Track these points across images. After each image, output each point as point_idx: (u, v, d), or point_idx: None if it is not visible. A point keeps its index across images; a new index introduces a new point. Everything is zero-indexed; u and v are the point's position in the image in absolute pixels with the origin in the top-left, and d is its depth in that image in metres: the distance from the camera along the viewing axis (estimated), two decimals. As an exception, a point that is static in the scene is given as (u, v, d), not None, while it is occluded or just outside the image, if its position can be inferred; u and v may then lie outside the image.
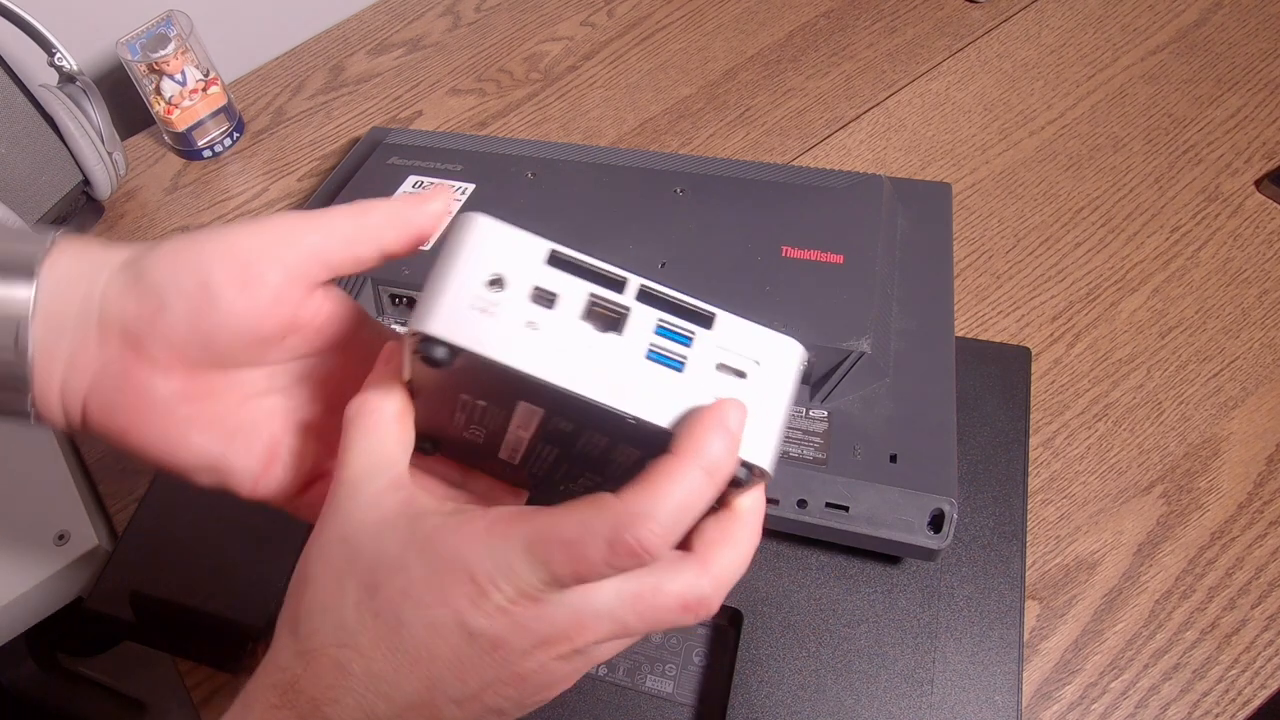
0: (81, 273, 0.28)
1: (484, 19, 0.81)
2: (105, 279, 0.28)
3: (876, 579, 0.41)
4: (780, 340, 0.26)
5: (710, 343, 0.26)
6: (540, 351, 0.25)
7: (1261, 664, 0.44)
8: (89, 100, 0.65)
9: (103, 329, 0.28)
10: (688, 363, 0.26)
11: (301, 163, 0.73)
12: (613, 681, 0.43)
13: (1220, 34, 0.70)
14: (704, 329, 0.26)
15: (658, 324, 0.26)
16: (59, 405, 0.28)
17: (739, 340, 0.26)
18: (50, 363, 0.28)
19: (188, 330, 0.28)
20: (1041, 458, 0.51)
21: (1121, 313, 0.56)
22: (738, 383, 0.26)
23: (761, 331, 0.26)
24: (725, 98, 0.72)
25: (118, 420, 0.28)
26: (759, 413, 0.26)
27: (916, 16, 0.74)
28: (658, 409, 0.26)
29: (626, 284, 0.26)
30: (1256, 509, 0.49)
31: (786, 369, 0.26)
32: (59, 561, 0.52)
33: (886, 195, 0.51)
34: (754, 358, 0.26)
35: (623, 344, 0.26)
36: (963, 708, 0.39)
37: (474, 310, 0.25)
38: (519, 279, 0.25)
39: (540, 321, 0.25)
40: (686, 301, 0.26)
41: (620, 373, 0.26)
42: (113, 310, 0.28)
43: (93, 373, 0.28)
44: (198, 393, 0.29)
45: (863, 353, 0.41)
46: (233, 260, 0.27)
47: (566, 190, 0.54)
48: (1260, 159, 0.62)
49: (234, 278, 0.27)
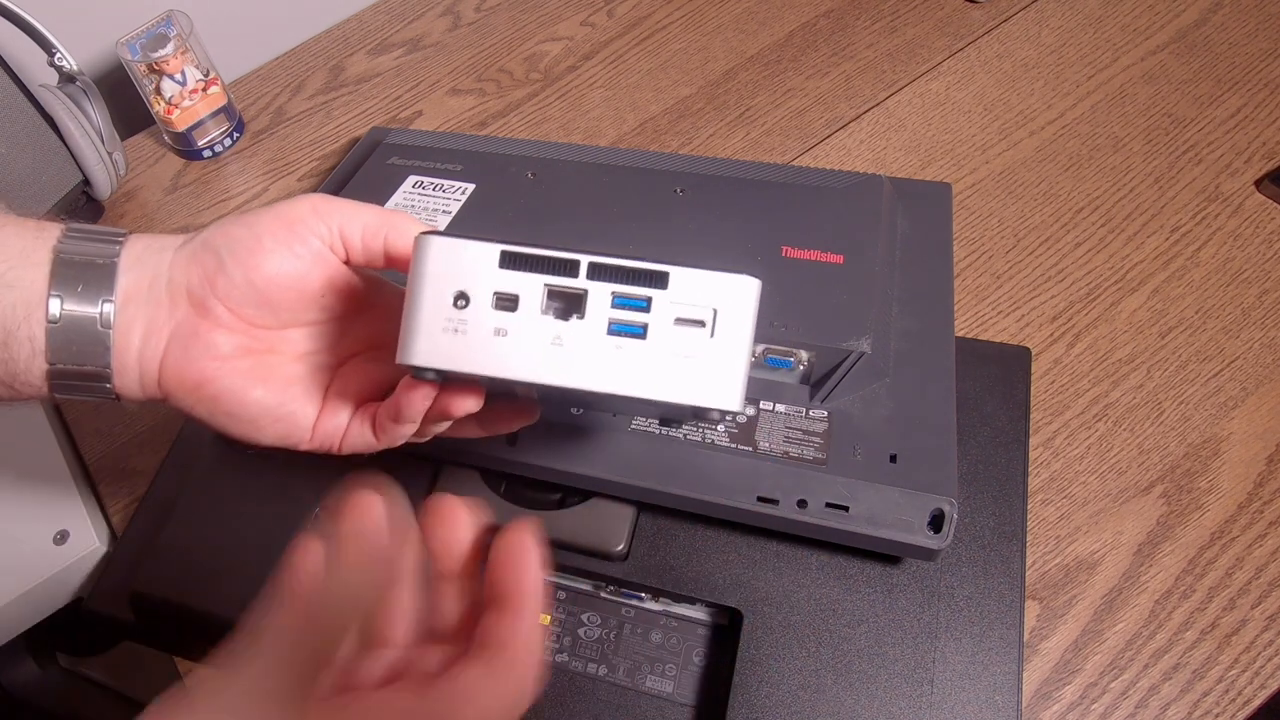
0: (149, 257, 0.33)
1: (484, 19, 0.81)
2: (170, 258, 0.33)
3: (876, 579, 0.41)
4: (733, 281, 0.27)
5: (666, 300, 0.27)
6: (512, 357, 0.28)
7: (1261, 664, 0.44)
8: (89, 100, 0.65)
9: (172, 296, 0.33)
10: (649, 326, 0.27)
11: (301, 163, 0.73)
12: (613, 681, 0.43)
13: (1220, 34, 0.70)
14: (659, 289, 0.27)
15: (614, 296, 0.28)
16: (136, 372, 0.33)
17: (694, 291, 0.27)
18: (127, 335, 0.32)
19: (245, 285, 0.32)
20: (1041, 458, 0.51)
21: (1121, 313, 0.56)
22: (698, 333, 0.27)
23: (715, 277, 0.27)
24: (725, 98, 0.72)
25: (190, 374, 0.33)
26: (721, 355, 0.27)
27: (916, 16, 0.74)
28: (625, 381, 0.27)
29: (578, 265, 0.28)
30: (1256, 509, 0.49)
31: (743, 308, 0.28)
32: (59, 561, 0.52)
33: (886, 195, 0.51)
34: (711, 305, 0.27)
35: (585, 327, 0.28)
36: (963, 708, 0.39)
37: (447, 333, 0.28)
38: (480, 290, 0.28)
39: (507, 327, 0.28)
40: (638, 266, 0.28)
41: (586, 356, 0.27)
42: (179, 278, 0.33)
43: (166, 335, 0.33)
44: (256, 348, 0.34)
45: (863, 353, 0.41)
46: (281, 223, 0.32)
47: (566, 190, 0.54)
48: (1260, 159, 0.62)
49: (282, 238, 0.32)
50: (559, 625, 0.44)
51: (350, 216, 0.33)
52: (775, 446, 0.41)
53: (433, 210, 0.53)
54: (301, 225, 0.32)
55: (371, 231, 0.33)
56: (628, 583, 0.43)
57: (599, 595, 0.45)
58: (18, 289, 0.31)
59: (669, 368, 0.27)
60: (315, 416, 0.35)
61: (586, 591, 0.45)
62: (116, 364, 0.32)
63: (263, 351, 0.34)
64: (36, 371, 0.32)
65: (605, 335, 0.27)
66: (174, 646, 0.48)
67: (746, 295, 0.27)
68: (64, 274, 0.31)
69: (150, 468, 0.56)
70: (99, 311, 0.32)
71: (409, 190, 0.56)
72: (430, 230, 0.29)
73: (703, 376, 0.27)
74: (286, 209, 0.33)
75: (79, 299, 0.31)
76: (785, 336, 0.42)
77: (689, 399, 0.28)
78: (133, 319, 0.32)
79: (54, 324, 0.31)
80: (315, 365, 0.35)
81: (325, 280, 0.33)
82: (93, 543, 0.52)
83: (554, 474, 0.42)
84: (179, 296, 0.33)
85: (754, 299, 0.28)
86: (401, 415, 0.32)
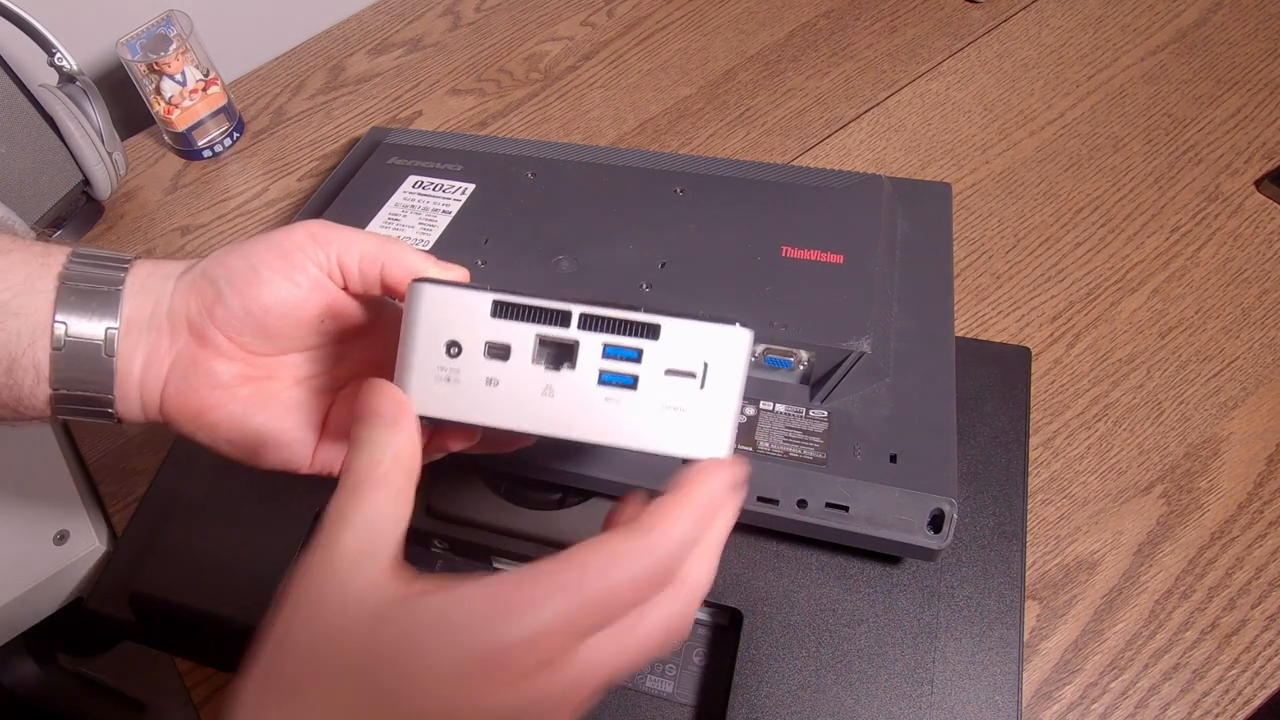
0: (153, 284, 0.33)
1: (484, 19, 0.81)
2: (171, 287, 0.33)
3: (876, 579, 0.41)
4: (725, 333, 0.27)
5: (657, 352, 0.27)
6: (503, 407, 0.28)
7: (1261, 664, 0.44)
8: (89, 100, 0.65)
9: (173, 326, 0.33)
10: (640, 378, 0.27)
11: (301, 163, 0.73)
12: (613, 681, 0.43)
13: (1220, 34, 0.70)
14: (651, 340, 0.27)
15: (605, 347, 0.27)
16: (138, 398, 0.33)
17: (685, 343, 0.27)
18: (130, 362, 0.32)
19: (243, 314, 0.32)
20: (1041, 458, 0.51)
21: (1121, 313, 0.56)
22: (688, 384, 0.27)
23: (706, 329, 0.27)
24: (725, 98, 0.72)
25: (191, 403, 0.33)
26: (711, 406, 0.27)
27: (916, 16, 0.74)
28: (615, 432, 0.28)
29: (570, 315, 0.28)
30: (1256, 509, 0.49)
31: (734, 359, 0.27)
32: (59, 561, 0.52)
33: (886, 195, 0.51)
34: (702, 357, 0.27)
35: (576, 377, 0.28)
36: (963, 708, 0.39)
37: (440, 382, 0.28)
38: (472, 339, 0.28)
39: (499, 376, 0.28)
40: (630, 318, 0.28)
41: (577, 407, 0.28)
42: (179, 308, 0.33)
43: (168, 364, 0.33)
44: (255, 375, 0.34)
45: (863, 353, 0.41)
46: (277, 252, 0.32)
47: (566, 190, 0.54)
48: (1260, 159, 0.62)
49: (278, 267, 0.32)
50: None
51: (348, 244, 0.33)
52: (775, 446, 0.41)
53: (433, 210, 0.53)
54: (299, 253, 0.32)
55: (369, 260, 0.33)
56: (628, 583, 0.43)
57: (599, 595, 0.45)
58: (23, 316, 0.31)
59: (659, 419, 0.27)
60: (315, 443, 0.35)
61: (586, 591, 0.45)
62: (119, 390, 0.33)
63: (262, 378, 0.34)
64: (40, 396, 0.32)
65: (596, 386, 0.28)
66: (174, 646, 0.48)
67: (738, 346, 0.27)
68: (69, 301, 0.32)
69: (150, 468, 0.56)
70: (103, 338, 0.32)
71: (409, 190, 0.56)
72: (423, 279, 0.29)
73: (692, 428, 0.28)
74: (283, 238, 0.32)
75: (83, 326, 0.32)
76: (785, 336, 0.42)
77: (678, 450, 0.28)
78: (135, 346, 0.32)
79: (58, 350, 0.31)
80: (314, 390, 0.35)
81: (323, 307, 0.33)
82: (93, 543, 0.52)
83: (554, 474, 0.42)
84: (179, 325, 0.33)
85: (745, 350, 0.27)
86: None
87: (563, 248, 0.49)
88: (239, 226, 0.70)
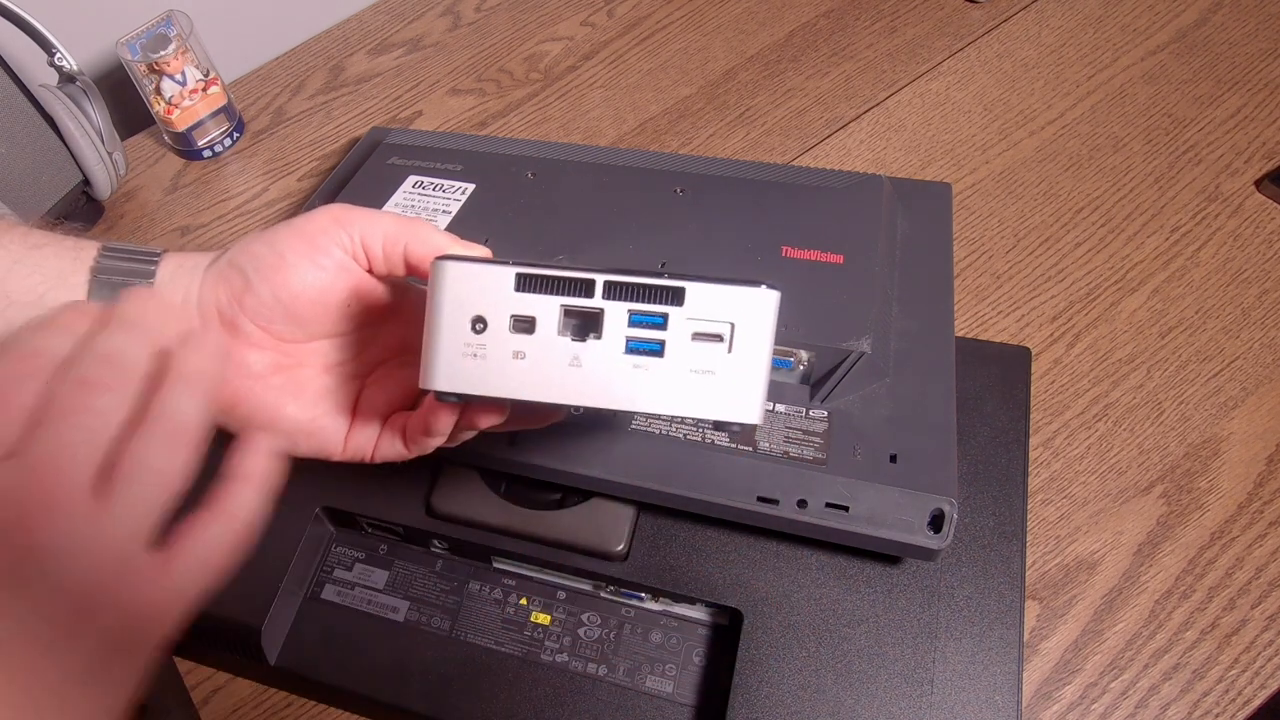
0: (181, 276, 0.33)
1: (484, 19, 0.81)
2: (199, 278, 0.33)
3: (876, 579, 0.41)
4: (751, 294, 0.27)
5: (683, 316, 0.27)
6: (531, 380, 0.28)
7: (1261, 664, 0.44)
8: (89, 100, 0.65)
9: (203, 317, 0.33)
10: (666, 344, 0.27)
11: (301, 163, 0.73)
12: (613, 681, 0.43)
13: (1220, 34, 0.70)
14: (676, 306, 0.27)
15: (630, 314, 0.27)
16: None
17: (711, 306, 0.27)
18: None
19: (272, 301, 0.32)
20: (1041, 458, 0.51)
21: (1121, 313, 0.56)
22: (716, 348, 0.27)
23: (732, 291, 0.27)
24: (725, 98, 0.72)
25: (224, 394, 0.33)
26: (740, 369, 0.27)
27: (916, 16, 0.74)
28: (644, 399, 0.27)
29: (594, 284, 0.27)
30: (1256, 509, 0.49)
31: (761, 321, 0.27)
32: (59, 561, 0.51)
33: (886, 195, 0.51)
34: (728, 319, 0.27)
35: (602, 347, 0.27)
36: (963, 708, 0.39)
37: (467, 358, 0.28)
38: (497, 313, 0.28)
39: (526, 349, 0.28)
40: (654, 284, 0.27)
41: (605, 376, 0.27)
42: (208, 299, 0.33)
43: None
44: (286, 363, 0.34)
45: (863, 353, 0.41)
46: (301, 237, 0.32)
47: (566, 190, 0.54)
48: (1260, 159, 0.62)
49: (304, 252, 0.32)
50: (559, 625, 0.44)
51: (371, 225, 0.33)
52: (775, 446, 0.41)
53: (433, 210, 0.53)
54: (323, 237, 0.32)
55: (392, 240, 0.33)
56: (628, 583, 0.43)
57: (599, 595, 0.45)
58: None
59: (688, 384, 0.27)
60: (347, 429, 0.35)
61: (586, 591, 0.45)
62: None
63: (292, 367, 0.34)
64: None
65: (623, 354, 0.27)
66: (173, 646, 0.48)
67: (765, 308, 0.27)
68: (101, 294, 0.32)
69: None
70: None
71: (409, 190, 0.56)
72: (446, 255, 0.28)
73: (722, 391, 0.27)
74: (306, 222, 0.33)
75: None
76: (785, 336, 0.42)
77: (708, 414, 0.28)
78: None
79: None
80: (344, 376, 0.35)
81: (350, 290, 0.34)
82: (93, 543, 0.52)
83: (554, 474, 0.42)
84: (210, 316, 0.33)
85: (772, 311, 0.27)
86: (431, 430, 0.33)
87: (563, 248, 0.49)
88: (239, 227, 0.70)
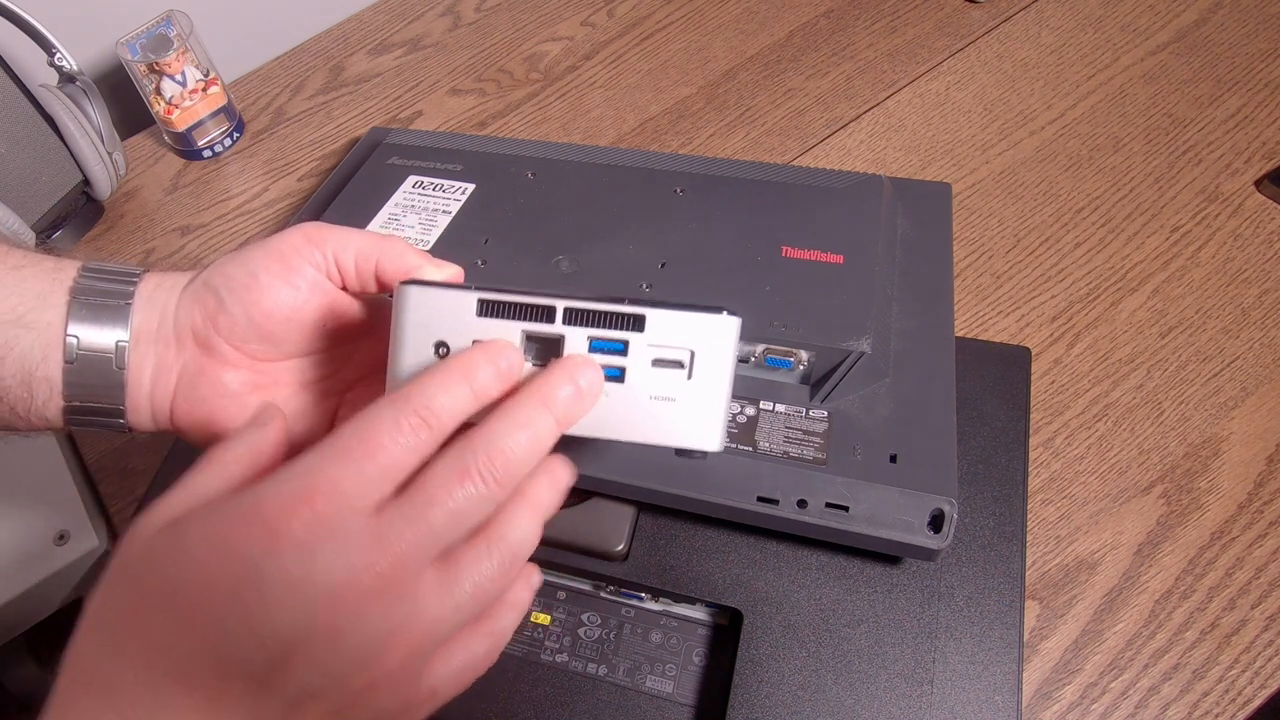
0: (159, 296, 0.34)
1: (484, 19, 0.81)
2: (175, 298, 0.33)
3: (876, 579, 0.41)
4: (710, 321, 0.27)
5: (644, 343, 0.27)
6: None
7: (1261, 664, 0.44)
8: (89, 100, 0.65)
9: (179, 336, 0.33)
10: (626, 370, 0.27)
11: (301, 163, 0.73)
12: (613, 681, 0.43)
13: (1220, 34, 0.70)
14: (636, 332, 0.27)
15: (591, 340, 0.27)
16: (149, 409, 0.34)
17: (671, 333, 0.27)
18: (140, 374, 0.33)
19: (245, 321, 0.32)
20: (1041, 458, 0.51)
21: (1121, 313, 0.56)
22: (675, 374, 0.27)
23: (691, 318, 0.27)
24: (725, 98, 0.72)
25: (200, 413, 0.33)
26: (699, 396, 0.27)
27: (916, 16, 0.74)
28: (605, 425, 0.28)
29: (554, 310, 0.28)
30: (1256, 509, 0.49)
31: (721, 347, 0.27)
32: (59, 561, 0.52)
33: (886, 195, 0.51)
34: (689, 346, 0.27)
35: None
36: (963, 708, 0.39)
37: None
38: (459, 338, 0.28)
39: None
40: (615, 310, 0.27)
41: None
42: (184, 319, 0.33)
43: (175, 375, 0.33)
44: (262, 382, 0.34)
45: (863, 353, 0.41)
46: (274, 257, 0.32)
47: (566, 190, 0.54)
48: (1260, 159, 0.62)
49: (277, 272, 0.32)
50: (559, 625, 0.44)
51: (343, 242, 0.33)
52: (775, 446, 0.41)
53: (433, 210, 0.53)
54: (296, 256, 0.32)
55: (364, 256, 0.33)
56: (628, 583, 0.43)
57: (599, 595, 0.45)
58: (37, 330, 0.32)
59: (648, 410, 0.27)
60: None
61: (586, 591, 0.45)
62: (130, 401, 0.33)
63: (269, 385, 0.34)
64: (54, 408, 0.33)
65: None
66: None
67: (725, 334, 0.27)
68: (80, 314, 0.32)
69: (150, 468, 0.57)
70: (114, 351, 0.32)
71: (409, 190, 0.56)
72: (410, 280, 0.29)
73: (682, 418, 0.27)
74: (279, 242, 0.33)
75: (95, 339, 0.32)
76: (785, 336, 0.42)
77: (668, 441, 0.28)
78: (144, 358, 0.33)
79: (71, 364, 0.32)
80: (322, 393, 0.35)
81: (324, 308, 0.34)
82: (93, 543, 0.52)
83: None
84: (185, 336, 0.33)
85: (732, 338, 0.27)
86: None
87: (563, 248, 0.49)
88: (239, 227, 0.70)
